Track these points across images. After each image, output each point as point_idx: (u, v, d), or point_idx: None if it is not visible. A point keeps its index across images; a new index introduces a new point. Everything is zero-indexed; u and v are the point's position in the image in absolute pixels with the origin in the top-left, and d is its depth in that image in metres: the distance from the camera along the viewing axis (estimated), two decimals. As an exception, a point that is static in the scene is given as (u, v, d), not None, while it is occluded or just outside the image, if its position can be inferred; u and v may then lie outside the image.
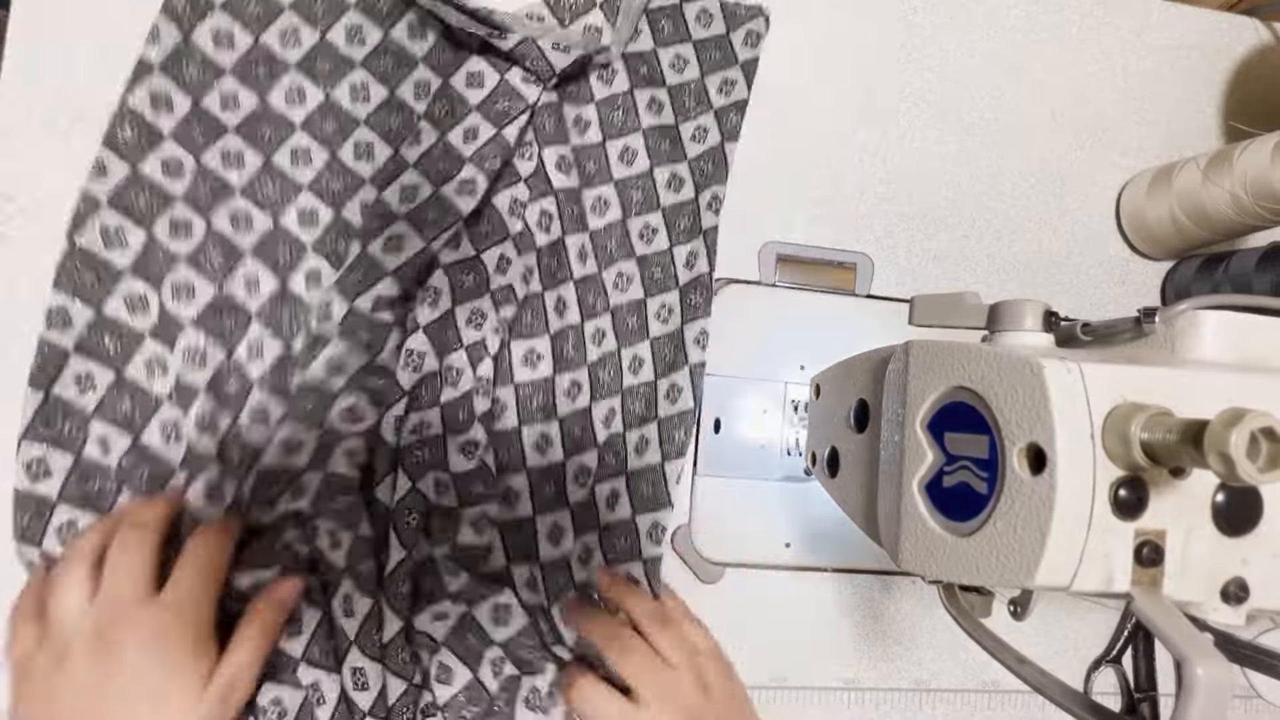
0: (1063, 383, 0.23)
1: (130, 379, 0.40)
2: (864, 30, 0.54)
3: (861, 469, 0.36)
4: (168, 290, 0.41)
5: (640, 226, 0.48)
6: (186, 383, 0.40)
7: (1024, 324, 0.30)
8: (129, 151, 0.41)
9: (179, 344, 0.40)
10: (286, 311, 0.42)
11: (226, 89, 0.43)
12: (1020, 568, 0.24)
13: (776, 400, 0.50)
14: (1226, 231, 0.51)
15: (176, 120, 0.42)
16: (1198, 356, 0.28)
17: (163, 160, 0.41)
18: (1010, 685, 0.51)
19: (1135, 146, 0.57)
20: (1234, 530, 0.25)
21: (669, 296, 0.48)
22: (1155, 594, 0.24)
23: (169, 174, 0.41)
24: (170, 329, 0.41)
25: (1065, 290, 0.56)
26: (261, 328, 0.42)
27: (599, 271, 0.47)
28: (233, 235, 0.42)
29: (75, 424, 0.39)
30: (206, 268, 0.41)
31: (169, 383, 0.40)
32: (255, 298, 0.42)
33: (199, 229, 0.41)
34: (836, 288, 0.52)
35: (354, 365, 0.42)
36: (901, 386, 0.31)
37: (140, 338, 0.41)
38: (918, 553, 0.29)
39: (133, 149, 0.41)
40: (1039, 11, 0.57)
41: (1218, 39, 0.60)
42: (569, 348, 0.46)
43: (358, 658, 0.39)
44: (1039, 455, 0.24)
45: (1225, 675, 0.21)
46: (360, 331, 0.42)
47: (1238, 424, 0.19)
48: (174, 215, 0.41)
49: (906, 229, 0.54)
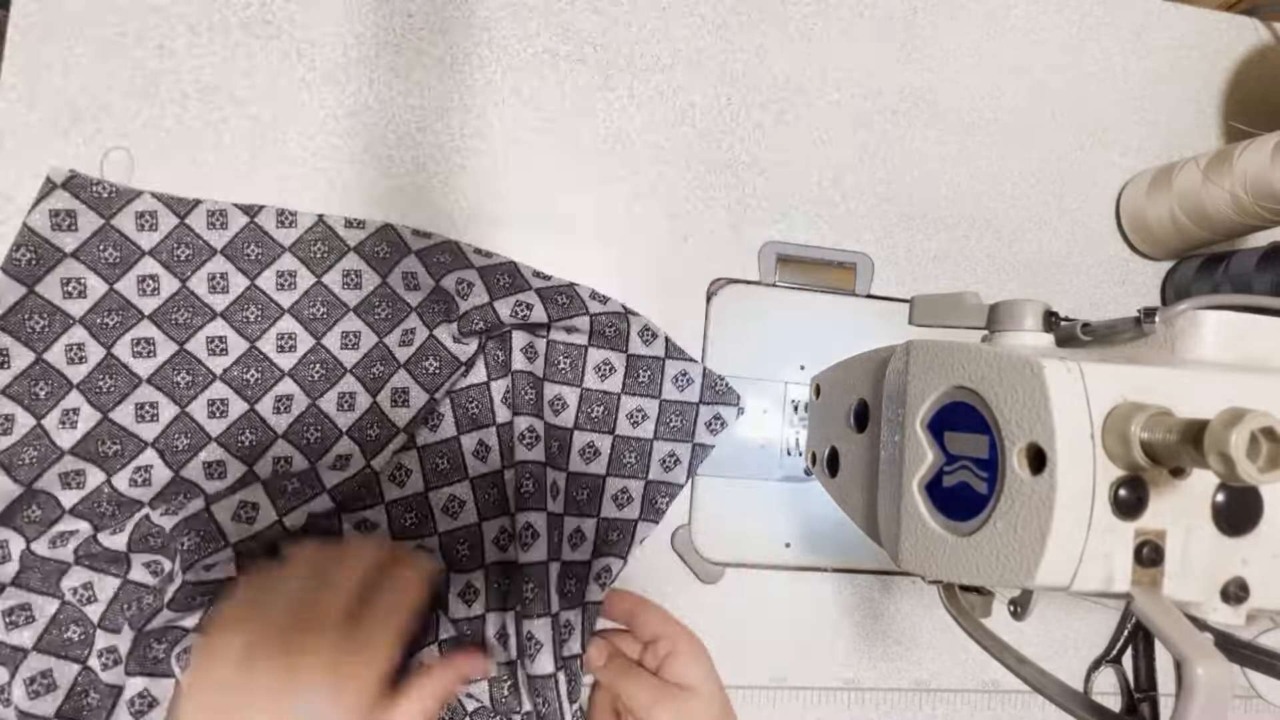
0: (1063, 383, 0.23)
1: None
2: (864, 30, 0.54)
3: (861, 469, 0.36)
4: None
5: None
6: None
7: (1024, 324, 0.30)
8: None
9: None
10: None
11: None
12: (1020, 568, 0.24)
13: (776, 400, 0.50)
14: (1226, 231, 0.51)
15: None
16: (1198, 356, 0.28)
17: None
18: (1010, 685, 0.51)
19: (1135, 146, 0.57)
20: (1234, 530, 0.25)
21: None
22: (1155, 594, 0.24)
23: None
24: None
25: (1065, 290, 0.56)
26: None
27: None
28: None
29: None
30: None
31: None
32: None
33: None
34: (836, 288, 0.52)
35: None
36: (901, 386, 0.31)
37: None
38: (918, 553, 0.29)
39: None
40: (1039, 11, 0.57)
41: (1218, 39, 0.60)
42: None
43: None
44: (1039, 455, 0.24)
45: (1225, 675, 0.21)
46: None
47: (1238, 424, 0.19)
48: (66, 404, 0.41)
49: (906, 229, 0.54)
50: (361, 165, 0.47)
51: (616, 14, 0.51)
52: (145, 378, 0.42)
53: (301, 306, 0.44)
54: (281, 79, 0.46)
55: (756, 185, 0.52)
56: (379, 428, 0.44)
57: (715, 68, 0.52)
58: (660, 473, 0.47)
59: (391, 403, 0.44)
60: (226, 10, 0.46)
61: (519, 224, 0.49)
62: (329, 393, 0.44)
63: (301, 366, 0.44)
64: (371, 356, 0.45)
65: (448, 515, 0.45)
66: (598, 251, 0.50)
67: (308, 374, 0.44)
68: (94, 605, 0.39)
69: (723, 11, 0.52)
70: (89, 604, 0.39)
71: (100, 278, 0.42)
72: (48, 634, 0.39)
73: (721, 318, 0.50)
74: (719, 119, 0.52)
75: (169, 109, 0.45)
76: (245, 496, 0.41)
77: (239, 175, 0.45)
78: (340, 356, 0.45)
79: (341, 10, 0.47)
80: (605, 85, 0.51)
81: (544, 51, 0.50)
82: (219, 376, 0.43)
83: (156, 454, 0.42)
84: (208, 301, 0.43)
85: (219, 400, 0.43)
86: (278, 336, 0.44)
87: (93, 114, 0.44)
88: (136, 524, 0.40)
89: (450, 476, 0.45)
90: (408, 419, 0.44)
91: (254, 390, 0.43)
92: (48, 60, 0.43)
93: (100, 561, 0.40)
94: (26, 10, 0.43)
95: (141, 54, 0.45)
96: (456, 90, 0.49)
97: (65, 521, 0.40)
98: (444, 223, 0.48)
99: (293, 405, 0.44)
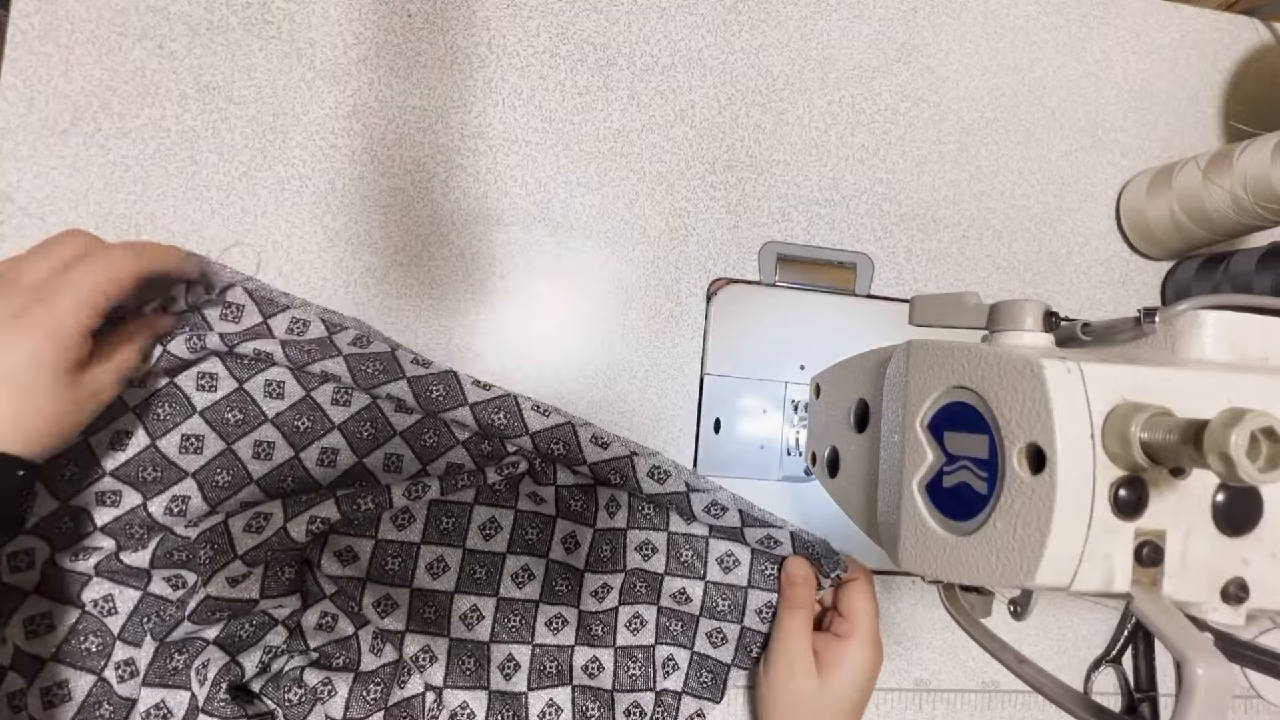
0: (1063, 383, 0.23)
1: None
2: (864, 30, 0.54)
3: (861, 469, 0.36)
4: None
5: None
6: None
7: (1024, 324, 0.30)
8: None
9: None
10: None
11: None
12: (1020, 568, 0.24)
13: (776, 400, 0.50)
14: (1226, 231, 0.51)
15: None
16: (1198, 356, 0.28)
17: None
18: (1010, 685, 0.51)
19: (1135, 146, 0.57)
20: (1234, 530, 0.25)
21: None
22: (1155, 594, 0.24)
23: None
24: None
25: (1065, 290, 0.56)
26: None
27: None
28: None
29: None
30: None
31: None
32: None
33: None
34: (836, 288, 0.52)
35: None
36: (901, 386, 0.31)
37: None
38: (918, 553, 0.29)
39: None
40: (1039, 11, 0.57)
41: (1218, 39, 0.60)
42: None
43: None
44: (1039, 455, 0.24)
45: (1225, 675, 0.21)
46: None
47: (1238, 424, 0.19)
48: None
49: (906, 229, 0.54)
50: (361, 165, 0.47)
51: (616, 14, 0.51)
52: (199, 409, 0.42)
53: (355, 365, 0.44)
54: (281, 79, 0.46)
55: (756, 185, 0.52)
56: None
57: (715, 68, 0.52)
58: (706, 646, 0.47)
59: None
60: (226, 10, 0.46)
61: (519, 224, 0.49)
62: (375, 452, 0.44)
63: (352, 421, 0.44)
64: (424, 424, 0.45)
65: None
66: (598, 251, 0.50)
67: (358, 430, 0.44)
68: (114, 617, 0.39)
69: (723, 11, 0.52)
70: (109, 615, 0.39)
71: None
72: (66, 644, 0.39)
73: (721, 318, 0.50)
74: (719, 119, 0.52)
75: (169, 109, 0.45)
76: (261, 509, 0.41)
77: (239, 175, 0.45)
78: (392, 419, 0.45)
79: (341, 10, 0.47)
80: (605, 85, 0.51)
81: (544, 51, 0.50)
82: (270, 419, 0.43)
83: (196, 485, 0.41)
84: (268, 350, 0.43)
85: (265, 443, 0.43)
86: (334, 389, 0.44)
87: (93, 114, 0.44)
88: (159, 541, 0.40)
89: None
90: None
91: (302, 438, 0.43)
92: (48, 60, 0.43)
93: (121, 575, 0.40)
94: (26, 10, 0.43)
95: (141, 54, 0.45)
96: (456, 90, 0.49)
97: (93, 538, 0.39)
98: (444, 222, 0.48)
99: (338, 459, 0.44)
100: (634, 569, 0.46)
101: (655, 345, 0.50)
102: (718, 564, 0.47)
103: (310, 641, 0.42)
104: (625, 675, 0.45)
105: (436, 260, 0.48)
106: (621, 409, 0.49)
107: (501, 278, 0.48)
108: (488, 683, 0.43)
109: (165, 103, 0.45)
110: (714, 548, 0.47)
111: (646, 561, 0.46)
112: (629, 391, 0.49)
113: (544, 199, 0.49)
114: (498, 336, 0.48)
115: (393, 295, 0.47)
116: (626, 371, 0.49)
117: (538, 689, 0.44)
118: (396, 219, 0.47)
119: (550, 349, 0.49)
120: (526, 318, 0.48)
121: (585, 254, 0.49)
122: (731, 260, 0.51)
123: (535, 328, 0.48)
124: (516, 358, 0.48)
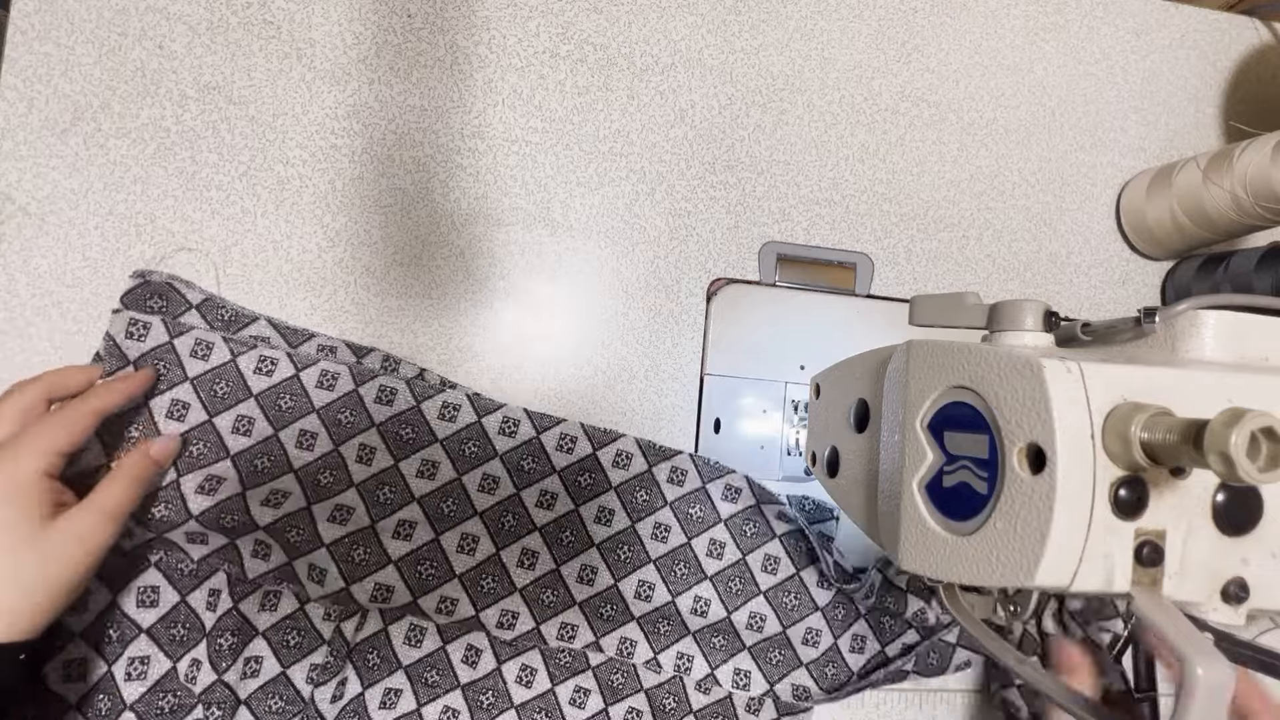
0: (1063, 382, 0.23)
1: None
2: (864, 30, 0.54)
3: (861, 469, 0.36)
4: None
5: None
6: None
7: (1024, 324, 0.30)
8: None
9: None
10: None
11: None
12: (1020, 568, 0.24)
13: (776, 400, 0.50)
14: (1226, 231, 0.51)
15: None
16: (1198, 356, 0.28)
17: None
18: (1010, 685, 0.51)
19: (1135, 146, 0.57)
20: (1234, 530, 0.25)
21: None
22: (1155, 594, 0.24)
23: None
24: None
25: (1065, 290, 0.56)
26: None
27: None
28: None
29: None
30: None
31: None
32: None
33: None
34: (836, 288, 0.52)
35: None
36: (901, 386, 0.31)
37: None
38: (918, 553, 0.29)
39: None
40: (1039, 11, 0.57)
41: (1218, 39, 0.60)
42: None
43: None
44: (1039, 455, 0.24)
45: (1225, 675, 0.21)
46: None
47: (1238, 424, 0.19)
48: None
49: (906, 229, 0.54)
50: (361, 165, 0.47)
51: (616, 14, 0.51)
52: (234, 452, 0.42)
53: (389, 427, 0.45)
54: (281, 79, 0.46)
55: (756, 185, 0.52)
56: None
57: (715, 68, 0.52)
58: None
59: (478, 487, 0.45)
60: (226, 10, 0.46)
61: (519, 224, 0.49)
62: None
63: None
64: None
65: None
66: (598, 251, 0.50)
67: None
68: (135, 683, 0.40)
69: (723, 11, 0.52)
70: (133, 680, 0.40)
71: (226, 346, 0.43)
72: (90, 698, 0.39)
73: (721, 318, 0.50)
74: (719, 119, 0.52)
75: (169, 109, 0.45)
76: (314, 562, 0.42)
77: (239, 175, 0.45)
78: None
79: (341, 10, 0.47)
80: (605, 85, 0.51)
81: (544, 51, 0.50)
82: (294, 469, 0.43)
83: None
84: (312, 395, 0.43)
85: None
86: (359, 447, 0.44)
87: (93, 114, 0.44)
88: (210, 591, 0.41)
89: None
90: (489, 504, 0.45)
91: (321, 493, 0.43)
92: (48, 60, 0.43)
93: (164, 641, 0.40)
94: (26, 10, 0.43)
95: (141, 54, 0.45)
96: (456, 90, 0.49)
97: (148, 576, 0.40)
98: (444, 223, 0.48)
99: (350, 520, 0.44)
100: (659, 557, 0.46)
101: (655, 345, 0.50)
102: (723, 497, 0.48)
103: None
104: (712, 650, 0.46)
105: (436, 260, 0.48)
106: (621, 409, 0.49)
107: (501, 278, 0.48)
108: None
109: (165, 103, 0.45)
110: (712, 491, 0.47)
111: (666, 542, 0.46)
112: (629, 391, 0.49)
113: (544, 199, 0.49)
114: (498, 337, 0.48)
115: (393, 295, 0.47)
116: (626, 371, 0.49)
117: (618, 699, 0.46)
118: (396, 219, 0.47)
119: (550, 349, 0.49)
120: (526, 318, 0.48)
121: (585, 254, 0.49)
122: (731, 260, 0.51)
123: (535, 328, 0.48)
124: (516, 358, 0.48)
